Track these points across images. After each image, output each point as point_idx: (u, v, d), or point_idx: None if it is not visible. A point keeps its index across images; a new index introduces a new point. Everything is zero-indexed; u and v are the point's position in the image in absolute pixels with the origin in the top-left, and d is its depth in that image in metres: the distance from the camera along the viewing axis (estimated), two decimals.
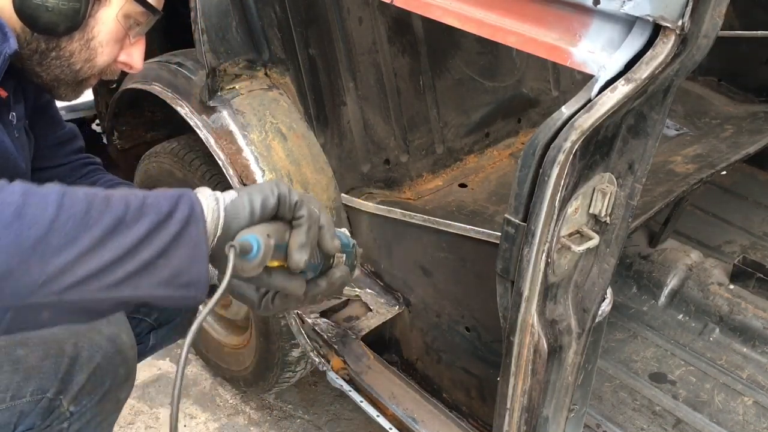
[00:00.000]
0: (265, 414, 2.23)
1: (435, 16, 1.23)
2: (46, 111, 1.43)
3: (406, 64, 2.00)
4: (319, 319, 1.75)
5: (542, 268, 1.15)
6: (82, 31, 1.19)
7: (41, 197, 0.83)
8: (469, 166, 2.15)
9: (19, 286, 0.81)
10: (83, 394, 1.19)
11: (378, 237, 1.77)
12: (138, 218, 0.86)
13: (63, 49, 1.20)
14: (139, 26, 1.26)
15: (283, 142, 1.74)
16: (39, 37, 1.17)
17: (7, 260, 0.79)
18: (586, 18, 1.05)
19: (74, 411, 1.19)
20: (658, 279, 2.26)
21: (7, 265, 0.79)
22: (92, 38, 1.21)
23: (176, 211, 0.89)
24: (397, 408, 1.60)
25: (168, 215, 0.88)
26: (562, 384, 1.30)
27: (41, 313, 0.88)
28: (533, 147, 1.08)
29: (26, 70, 1.21)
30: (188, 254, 0.88)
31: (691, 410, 1.92)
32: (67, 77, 1.24)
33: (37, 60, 1.20)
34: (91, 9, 1.18)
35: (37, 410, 1.15)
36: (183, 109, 1.78)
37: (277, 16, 1.75)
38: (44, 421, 1.17)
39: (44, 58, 1.20)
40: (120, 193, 0.88)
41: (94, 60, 1.23)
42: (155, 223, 0.87)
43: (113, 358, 1.22)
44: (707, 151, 2.26)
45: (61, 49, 1.19)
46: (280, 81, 1.80)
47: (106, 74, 1.29)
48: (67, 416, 1.19)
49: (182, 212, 0.89)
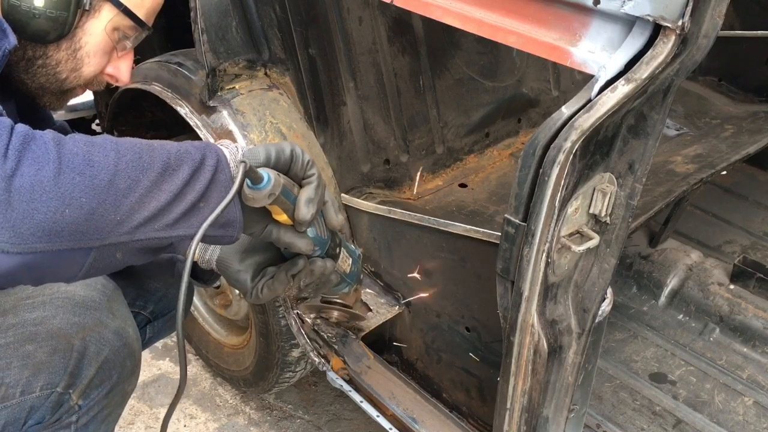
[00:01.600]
0: (265, 414, 2.23)
1: (435, 16, 1.23)
2: (35, 109, 1.43)
3: (406, 64, 2.00)
4: (320, 319, 1.75)
5: (542, 268, 1.15)
6: (69, 40, 1.19)
7: (100, 146, 0.93)
8: (469, 166, 2.15)
9: (101, 224, 0.90)
10: (91, 388, 1.20)
11: (378, 237, 1.77)
12: (179, 164, 0.96)
13: (49, 58, 1.20)
14: (127, 39, 1.26)
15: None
16: (26, 44, 1.17)
17: (88, 201, 0.89)
18: (586, 18, 1.05)
19: (83, 405, 1.20)
20: (658, 279, 2.26)
21: (89, 206, 0.89)
22: (79, 48, 1.21)
23: (207, 159, 0.98)
24: (397, 408, 1.60)
25: (201, 162, 0.97)
26: (562, 384, 1.30)
27: (116, 254, 0.97)
28: (533, 147, 1.08)
29: (12, 77, 1.21)
30: (222, 197, 0.97)
31: (691, 410, 1.92)
32: (52, 86, 1.24)
33: (23, 67, 1.20)
34: (80, 19, 1.18)
35: (46, 404, 1.17)
36: (183, 109, 1.78)
37: (277, 16, 1.75)
38: (53, 415, 1.18)
39: (30, 65, 1.20)
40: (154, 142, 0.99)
41: (81, 70, 1.24)
42: (193, 169, 0.96)
43: (120, 352, 1.24)
44: (707, 151, 2.26)
45: (48, 58, 1.20)
46: (280, 81, 1.80)
47: (93, 85, 1.29)
48: (76, 410, 1.20)
49: (211, 160, 0.98)
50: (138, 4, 1.24)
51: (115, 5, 1.21)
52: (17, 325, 1.18)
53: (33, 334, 1.18)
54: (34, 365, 1.15)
